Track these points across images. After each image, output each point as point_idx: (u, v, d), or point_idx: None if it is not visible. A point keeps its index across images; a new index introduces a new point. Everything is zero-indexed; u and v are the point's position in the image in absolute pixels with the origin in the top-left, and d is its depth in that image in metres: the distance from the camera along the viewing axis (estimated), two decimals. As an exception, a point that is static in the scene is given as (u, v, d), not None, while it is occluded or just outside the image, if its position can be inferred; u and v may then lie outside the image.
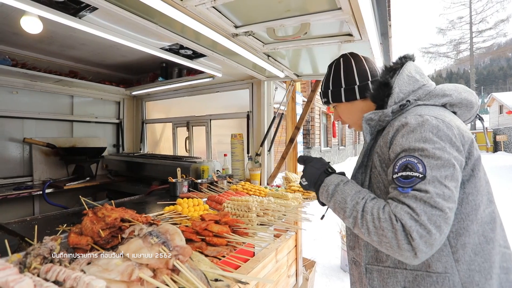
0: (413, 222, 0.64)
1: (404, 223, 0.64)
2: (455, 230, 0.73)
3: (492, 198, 0.78)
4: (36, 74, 2.48)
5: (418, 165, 0.68)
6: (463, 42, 33.09)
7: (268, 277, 1.62)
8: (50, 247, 0.82)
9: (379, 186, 0.82)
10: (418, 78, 0.84)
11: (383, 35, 1.36)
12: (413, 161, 0.69)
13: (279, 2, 1.10)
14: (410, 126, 0.73)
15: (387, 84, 0.85)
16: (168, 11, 1.08)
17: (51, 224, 1.29)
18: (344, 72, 0.99)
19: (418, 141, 0.70)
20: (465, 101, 0.83)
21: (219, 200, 1.61)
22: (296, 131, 2.53)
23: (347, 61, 1.01)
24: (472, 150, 0.73)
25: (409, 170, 0.69)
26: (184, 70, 2.79)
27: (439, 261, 0.73)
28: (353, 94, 0.97)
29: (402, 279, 0.78)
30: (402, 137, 0.73)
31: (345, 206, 0.77)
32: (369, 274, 0.85)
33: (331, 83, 1.01)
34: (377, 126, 0.87)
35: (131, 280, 0.70)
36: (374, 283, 0.83)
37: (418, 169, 0.68)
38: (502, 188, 7.24)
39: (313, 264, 2.70)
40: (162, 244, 0.83)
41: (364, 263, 0.86)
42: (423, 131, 0.71)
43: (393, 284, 0.79)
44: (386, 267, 0.81)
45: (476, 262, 0.72)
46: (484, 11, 30.79)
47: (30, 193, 2.48)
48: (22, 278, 0.58)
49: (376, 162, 0.82)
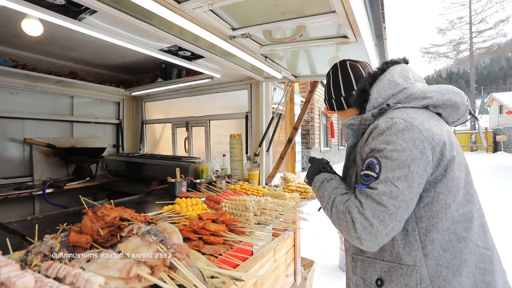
0: (359, 215, 0.75)
1: (352, 216, 0.76)
2: (425, 226, 0.77)
3: (471, 199, 0.79)
4: (37, 75, 2.50)
5: (376, 165, 0.76)
6: (463, 42, 33.12)
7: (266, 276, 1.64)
8: (51, 245, 0.84)
9: None
10: (400, 81, 0.88)
11: (378, 37, 1.38)
12: (373, 162, 0.77)
13: (275, 5, 1.12)
14: (380, 128, 0.79)
15: (365, 90, 0.92)
16: (166, 14, 1.10)
17: (52, 223, 1.31)
18: (333, 84, 1.09)
19: (382, 142, 0.77)
20: (449, 102, 0.84)
21: (217, 200, 1.63)
22: (294, 131, 2.54)
23: (335, 72, 1.09)
24: (444, 152, 0.76)
25: (370, 169, 0.78)
26: (183, 71, 2.81)
27: (409, 255, 0.78)
28: (341, 105, 1.07)
29: (379, 269, 0.84)
30: (372, 138, 0.80)
31: (323, 200, 0.90)
32: (353, 263, 0.93)
33: (326, 94, 1.13)
34: (360, 130, 0.93)
35: (129, 277, 0.72)
36: (357, 271, 0.92)
37: (375, 170, 0.76)
38: (502, 188, 7.25)
39: (312, 263, 2.72)
40: (160, 242, 0.85)
41: (351, 253, 0.95)
42: (388, 134, 0.76)
43: (371, 273, 0.86)
44: (368, 258, 0.88)
45: (445, 258, 0.75)
46: (484, 11, 30.83)
47: (30, 193, 2.50)
48: (23, 274, 0.60)
49: (358, 160, 0.89)
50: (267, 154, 2.62)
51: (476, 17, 31.13)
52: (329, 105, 1.12)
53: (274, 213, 1.45)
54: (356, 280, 0.92)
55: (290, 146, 2.53)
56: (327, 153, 12.65)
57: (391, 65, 0.92)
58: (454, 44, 34.85)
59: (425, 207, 0.77)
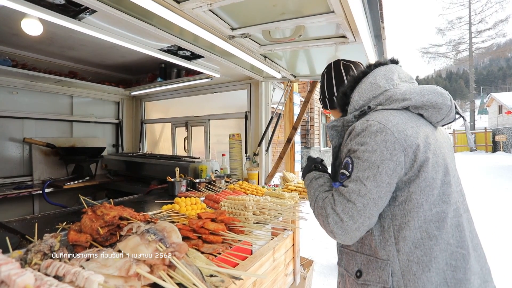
0: (331, 211, 0.82)
1: (326, 211, 0.83)
2: (398, 224, 0.81)
3: (446, 199, 0.81)
4: (36, 75, 2.50)
5: (350, 165, 0.82)
6: (463, 43, 33.15)
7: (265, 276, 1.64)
8: (50, 244, 0.85)
9: None
10: (382, 83, 0.90)
11: (377, 37, 1.38)
12: (348, 161, 0.83)
13: (274, 5, 1.12)
14: (356, 130, 0.84)
15: (345, 93, 0.97)
16: (166, 14, 1.11)
17: (51, 223, 1.31)
18: (326, 83, 1.14)
19: (357, 143, 0.82)
20: (429, 103, 0.85)
21: (216, 199, 1.64)
22: (294, 131, 2.55)
23: (329, 72, 1.15)
24: (417, 154, 0.78)
25: (345, 168, 0.84)
26: (182, 70, 2.81)
27: (384, 250, 0.83)
28: (334, 104, 1.11)
29: (360, 261, 0.90)
30: (350, 139, 0.85)
31: (310, 196, 0.96)
32: (340, 255, 1.00)
33: (320, 92, 1.18)
34: (344, 130, 0.96)
35: (128, 276, 0.72)
36: (342, 262, 0.98)
37: (348, 169, 0.82)
38: (501, 188, 7.27)
39: (311, 263, 2.72)
40: (159, 241, 0.85)
41: (338, 246, 1.02)
42: (363, 135, 0.81)
43: (353, 265, 0.92)
44: (351, 251, 0.94)
45: (415, 254, 0.79)
46: (483, 11, 30.85)
47: (30, 193, 2.50)
48: (23, 272, 0.60)
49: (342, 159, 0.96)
50: (267, 154, 2.62)
51: (476, 17, 31.16)
52: (323, 103, 1.18)
53: (273, 212, 1.45)
54: (341, 270, 0.99)
55: (289, 146, 2.54)
56: (327, 153, 12.66)
57: (374, 68, 0.94)
58: (454, 44, 34.90)
59: (399, 206, 0.81)
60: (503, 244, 3.72)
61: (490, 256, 3.30)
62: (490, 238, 3.92)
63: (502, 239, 3.89)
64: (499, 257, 3.30)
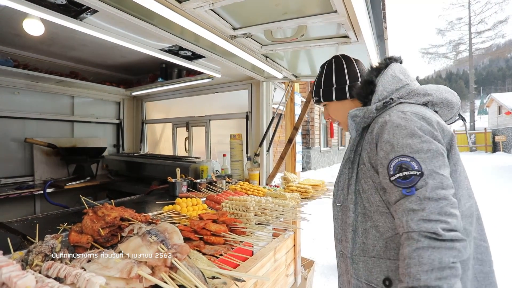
0: (427, 225, 0.64)
1: (422, 230, 0.65)
2: None
3: (471, 193, 0.81)
4: (38, 75, 2.50)
5: (412, 163, 0.70)
6: (462, 43, 33.18)
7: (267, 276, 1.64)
8: (51, 245, 0.84)
9: (367, 181, 0.85)
10: (402, 78, 0.89)
11: (379, 37, 1.38)
12: (406, 161, 0.71)
13: (276, 5, 1.12)
14: (394, 122, 0.76)
15: (371, 82, 0.90)
16: (167, 14, 1.10)
17: (52, 223, 1.31)
18: (336, 72, 1.06)
19: (404, 137, 0.73)
20: (446, 101, 0.86)
21: (217, 200, 1.63)
22: (295, 131, 2.54)
23: (338, 62, 1.08)
24: (453, 144, 0.77)
25: (405, 170, 0.70)
26: (183, 71, 2.80)
27: None
28: (344, 94, 1.03)
29: (386, 268, 0.80)
30: (388, 133, 0.76)
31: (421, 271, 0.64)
32: (355, 265, 0.87)
33: (323, 82, 1.08)
34: (362, 123, 0.90)
35: (130, 277, 0.72)
36: (360, 273, 0.86)
37: (413, 167, 0.69)
38: (502, 188, 7.25)
39: (312, 263, 2.72)
40: (160, 242, 0.85)
41: (351, 255, 0.88)
42: (407, 127, 0.74)
43: (377, 273, 0.81)
44: (371, 258, 0.83)
45: None
46: (483, 12, 30.87)
47: (31, 193, 2.50)
48: (24, 274, 0.60)
49: (365, 158, 0.85)
50: (268, 154, 2.62)
51: (475, 18, 31.18)
52: (324, 94, 1.06)
53: (274, 213, 1.45)
54: (357, 284, 0.86)
55: (290, 146, 2.53)
56: (327, 153, 12.64)
57: (391, 62, 0.93)
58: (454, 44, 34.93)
59: None
60: (504, 244, 3.71)
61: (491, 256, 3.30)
62: (491, 239, 3.91)
63: (503, 239, 3.87)
64: (499, 258, 3.29)
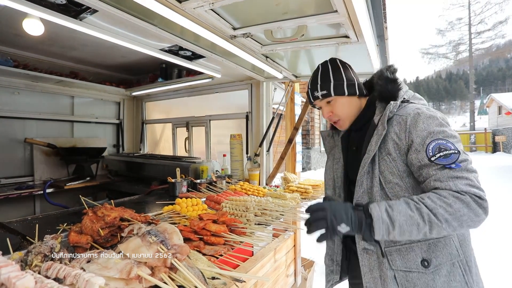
0: (475, 189, 0.77)
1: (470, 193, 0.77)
2: None
3: None
4: (38, 75, 2.50)
5: (448, 144, 0.83)
6: (462, 43, 33.22)
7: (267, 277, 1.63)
8: (51, 246, 0.84)
9: (391, 171, 0.91)
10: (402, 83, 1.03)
11: (380, 37, 1.37)
12: (442, 143, 0.84)
13: (277, 4, 1.11)
14: (427, 114, 0.89)
15: (395, 80, 1.00)
16: (167, 14, 1.10)
17: (52, 223, 1.30)
18: (343, 69, 1.08)
19: (438, 125, 0.87)
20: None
21: (217, 200, 1.63)
22: (295, 131, 2.54)
23: (341, 61, 1.11)
24: None
25: (444, 150, 0.83)
26: (183, 71, 2.80)
27: None
28: (354, 89, 1.06)
29: (419, 251, 0.88)
30: (423, 123, 0.88)
31: (414, 221, 0.77)
32: (389, 256, 0.91)
33: (332, 77, 1.06)
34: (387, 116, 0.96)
35: (129, 278, 0.71)
36: (397, 262, 0.90)
37: (450, 148, 0.82)
38: (501, 189, 7.25)
39: (312, 264, 2.71)
40: (160, 242, 0.85)
41: (383, 247, 0.92)
42: (437, 118, 0.88)
43: (413, 257, 0.88)
44: (403, 245, 0.90)
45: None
46: (483, 12, 30.89)
47: (31, 193, 2.50)
48: (23, 274, 0.59)
49: (391, 149, 0.92)
50: (268, 154, 2.62)
51: (475, 18, 31.19)
52: (335, 88, 1.04)
53: (274, 213, 1.45)
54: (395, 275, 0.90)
55: (290, 146, 2.53)
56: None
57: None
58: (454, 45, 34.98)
59: None
60: (503, 244, 3.70)
61: (491, 256, 3.29)
62: (491, 239, 3.91)
63: (503, 240, 3.87)
64: (499, 257, 3.29)
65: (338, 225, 0.79)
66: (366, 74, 2.10)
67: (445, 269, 0.86)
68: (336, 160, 1.17)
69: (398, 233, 0.78)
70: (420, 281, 0.86)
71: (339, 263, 1.15)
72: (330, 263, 1.19)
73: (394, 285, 0.89)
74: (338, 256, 1.16)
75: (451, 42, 35.42)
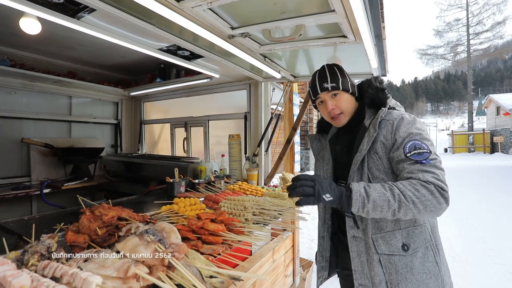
0: (439, 182, 0.90)
1: (435, 184, 0.90)
2: None
3: None
4: (35, 75, 2.49)
5: (423, 144, 0.97)
6: (460, 44, 33.35)
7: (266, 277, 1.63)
8: (48, 245, 0.83)
9: (378, 168, 1.04)
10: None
11: (377, 37, 1.38)
12: (418, 143, 0.97)
13: (274, 4, 1.12)
14: (408, 119, 1.04)
15: (384, 90, 1.16)
16: (165, 13, 1.10)
17: (49, 223, 1.30)
18: (346, 72, 1.20)
19: (416, 129, 1.01)
20: None
21: (215, 200, 1.63)
22: (293, 131, 2.54)
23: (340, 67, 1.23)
24: None
25: (418, 149, 0.96)
26: (182, 71, 2.80)
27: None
28: (354, 90, 1.19)
29: (401, 236, 1.02)
30: (405, 126, 1.01)
31: (386, 197, 0.91)
32: (375, 242, 1.04)
33: (339, 74, 1.17)
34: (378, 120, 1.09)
35: (127, 277, 0.71)
36: (382, 247, 1.03)
37: (424, 148, 0.96)
38: (501, 189, 7.28)
39: (311, 264, 2.71)
40: (158, 241, 0.84)
41: (370, 234, 1.05)
42: (416, 123, 1.03)
43: (395, 242, 1.02)
44: (387, 232, 1.03)
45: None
46: (481, 13, 31.02)
47: (28, 193, 2.48)
48: (19, 273, 0.59)
49: (379, 149, 1.04)
50: (266, 155, 2.62)
51: (473, 19, 31.31)
52: (343, 83, 1.15)
53: (273, 213, 1.44)
54: (380, 258, 1.03)
55: (289, 147, 2.53)
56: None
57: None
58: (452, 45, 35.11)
59: None
60: (503, 244, 3.72)
61: (491, 256, 3.31)
62: (490, 239, 3.92)
63: (502, 240, 3.88)
64: (499, 257, 3.30)
65: (324, 194, 0.92)
66: (364, 74, 2.11)
67: (421, 251, 1.01)
68: (325, 161, 1.27)
69: (371, 207, 0.91)
70: (401, 262, 1.00)
71: (327, 259, 1.27)
72: (321, 259, 1.29)
73: (379, 268, 1.02)
74: (327, 253, 1.28)
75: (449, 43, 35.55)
